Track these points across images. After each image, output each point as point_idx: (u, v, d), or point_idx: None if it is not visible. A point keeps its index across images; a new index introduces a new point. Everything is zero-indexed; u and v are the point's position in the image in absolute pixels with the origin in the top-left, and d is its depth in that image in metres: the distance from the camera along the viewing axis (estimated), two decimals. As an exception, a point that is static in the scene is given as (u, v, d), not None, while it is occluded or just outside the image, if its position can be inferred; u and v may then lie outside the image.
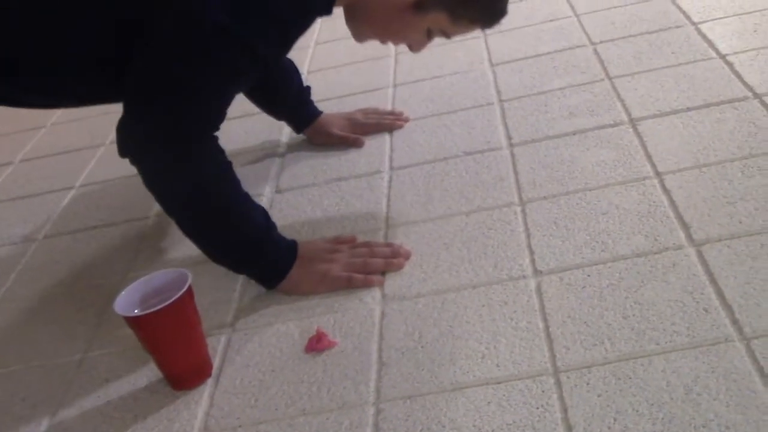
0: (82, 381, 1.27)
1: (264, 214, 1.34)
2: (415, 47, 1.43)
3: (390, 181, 1.59)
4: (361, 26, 1.41)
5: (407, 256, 1.36)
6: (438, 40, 1.41)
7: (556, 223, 1.35)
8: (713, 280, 1.16)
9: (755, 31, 1.80)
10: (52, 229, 1.71)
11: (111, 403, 1.21)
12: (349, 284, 1.32)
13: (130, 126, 1.25)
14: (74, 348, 1.34)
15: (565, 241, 1.31)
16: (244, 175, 1.66)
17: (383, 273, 1.33)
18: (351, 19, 1.40)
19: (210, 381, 1.21)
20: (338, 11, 1.35)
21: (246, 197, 1.32)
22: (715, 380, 1.00)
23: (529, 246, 1.32)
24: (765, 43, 1.74)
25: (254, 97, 1.72)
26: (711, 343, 1.06)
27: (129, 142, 1.26)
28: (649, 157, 1.46)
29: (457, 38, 1.43)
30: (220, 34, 1.18)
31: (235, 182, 1.31)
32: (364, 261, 1.34)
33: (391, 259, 1.35)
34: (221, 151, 1.29)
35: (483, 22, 1.40)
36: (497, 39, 2.04)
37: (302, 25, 1.28)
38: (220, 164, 1.29)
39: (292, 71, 1.73)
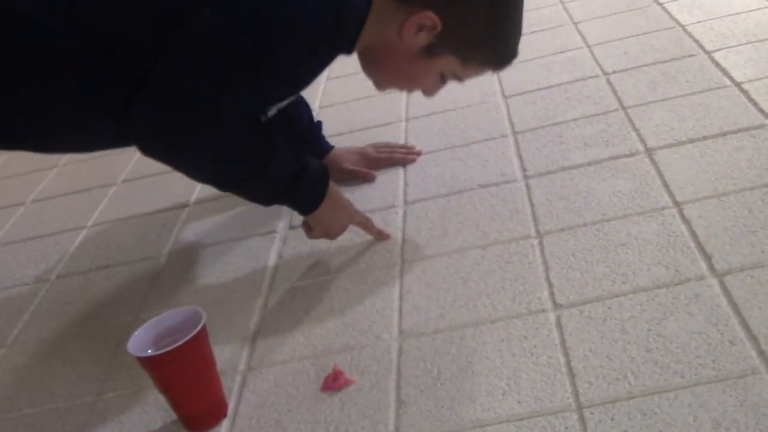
0: (95, 424, 1.25)
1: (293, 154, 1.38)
2: (428, 92, 1.48)
3: (405, 215, 1.58)
4: (378, 74, 1.47)
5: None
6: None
7: (574, 255, 1.33)
8: (737, 311, 1.13)
9: (769, 58, 1.79)
10: (64, 269, 1.70)
11: (125, 446, 1.20)
12: (365, 223, 1.50)
13: (150, 125, 1.24)
14: (87, 390, 1.33)
15: (584, 273, 1.29)
16: (257, 210, 1.66)
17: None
18: (367, 68, 1.46)
19: (225, 422, 1.19)
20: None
21: (275, 146, 1.35)
22: (743, 414, 0.97)
23: (548, 279, 1.30)
24: (780, 70, 1.73)
25: None
26: (738, 375, 1.03)
27: (153, 137, 1.25)
28: (666, 186, 1.44)
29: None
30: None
31: (269, 144, 1.34)
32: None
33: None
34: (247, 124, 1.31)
35: (494, 64, 1.44)
36: (509, 71, 2.00)
37: (325, 53, 1.31)
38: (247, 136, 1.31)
39: (303, 106, 1.72)
